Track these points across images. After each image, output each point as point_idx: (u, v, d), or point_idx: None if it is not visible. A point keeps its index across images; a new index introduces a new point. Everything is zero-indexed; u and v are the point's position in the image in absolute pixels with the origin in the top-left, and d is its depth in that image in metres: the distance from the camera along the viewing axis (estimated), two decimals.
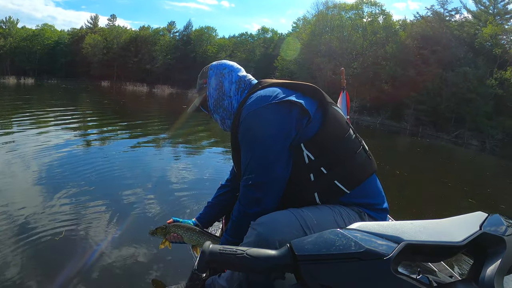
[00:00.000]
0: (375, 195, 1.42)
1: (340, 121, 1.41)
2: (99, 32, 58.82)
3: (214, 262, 0.74)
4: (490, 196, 7.67)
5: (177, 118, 14.96)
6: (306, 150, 1.31)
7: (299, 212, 1.25)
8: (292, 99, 1.33)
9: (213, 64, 1.68)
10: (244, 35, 54.11)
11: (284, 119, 1.31)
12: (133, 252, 2.70)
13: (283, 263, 0.70)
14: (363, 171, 1.39)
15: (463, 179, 9.54)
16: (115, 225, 3.25)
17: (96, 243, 2.85)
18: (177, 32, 56.75)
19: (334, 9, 38.52)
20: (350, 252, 0.66)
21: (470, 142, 24.90)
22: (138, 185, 4.63)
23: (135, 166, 5.75)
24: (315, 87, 1.43)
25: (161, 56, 53.20)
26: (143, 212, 3.70)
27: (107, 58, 55.90)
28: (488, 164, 16.69)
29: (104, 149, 7.04)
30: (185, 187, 4.83)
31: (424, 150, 17.14)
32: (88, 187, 4.32)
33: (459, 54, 31.06)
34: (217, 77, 1.60)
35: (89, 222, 3.30)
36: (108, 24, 60.92)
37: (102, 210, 3.64)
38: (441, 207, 5.86)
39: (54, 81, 47.88)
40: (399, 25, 37.55)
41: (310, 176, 1.32)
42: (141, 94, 36.71)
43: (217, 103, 1.59)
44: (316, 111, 1.36)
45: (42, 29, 62.86)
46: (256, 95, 1.39)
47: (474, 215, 0.75)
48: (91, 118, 12.70)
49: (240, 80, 1.59)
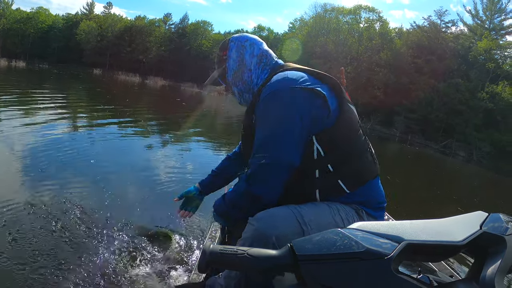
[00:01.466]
0: (375, 195, 1.40)
1: (354, 119, 1.38)
2: (94, 19, 57.73)
3: (214, 262, 0.74)
4: (478, 206, 7.68)
5: (172, 112, 15.02)
6: (317, 143, 1.28)
7: (296, 208, 1.24)
8: (318, 89, 1.29)
9: (234, 36, 1.61)
10: (240, 32, 53.62)
11: (307, 106, 1.28)
12: (131, 251, 2.66)
13: (284, 263, 0.71)
14: (367, 173, 1.37)
15: (452, 188, 9.88)
16: (109, 219, 3.17)
17: (87, 237, 2.77)
18: (172, 24, 56.13)
19: (332, 12, 38.72)
20: (350, 252, 0.66)
21: (457, 153, 25.63)
22: (123, 174, 4.59)
23: (124, 154, 5.71)
24: (336, 81, 1.38)
25: (155, 47, 52.61)
26: (131, 204, 3.64)
27: (101, 46, 54.86)
28: (475, 175, 17.01)
29: (95, 135, 6.91)
30: (170, 175, 4.84)
31: (414, 158, 17.45)
32: (72, 174, 4.25)
33: (453, 65, 31.59)
34: (238, 50, 1.55)
35: (76, 213, 3.18)
36: (104, 12, 59.95)
37: (85, 195, 3.60)
38: (431, 214, 5.77)
39: (45, 66, 46.82)
40: (395, 33, 37.97)
41: (316, 172, 1.30)
42: (133, 84, 36.45)
43: (236, 75, 1.55)
44: (336, 105, 1.33)
45: (36, 12, 61.78)
46: (283, 76, 1.35)
47: (475, 214, 0.75)
48: (84, 105, 12.39)
49: (262, 55, 1.55)
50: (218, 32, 56.22)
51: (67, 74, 35.53)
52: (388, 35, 36.62)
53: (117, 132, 7.76)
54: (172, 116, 13.02)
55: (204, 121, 13.86)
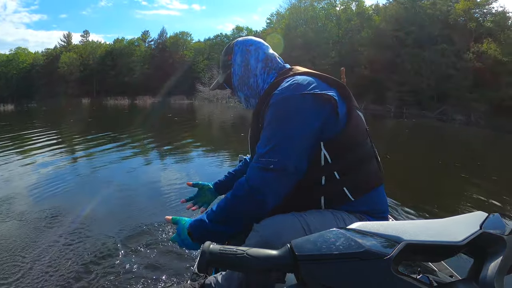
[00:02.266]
0: (379, 204, 1.38)
1: (361, 126, 1.37)
2: (74, 50, 58.03)
3: (214, 262, 0.75)
4: (480, 169, 7.79)
5: (165, 128, 15.07)
6: (325, 150, 1.27)
7: (302, 216, 1.23)
8: (329, 94, 1.27)
9: (238, 40, 1.59)
10: (220, 36, 54.05)
11: (317, 112, 1.25)
12: (130, 251, 2.72)
13: (283, 263, 0.71)
14: (373, 181, 1.35)
15: (453, 156, 9.63)
16: (112, 227, 3.28)
17: (84, 236, 2.95)
18: (152, 41, 56.43)
19: (307, 1, 38.54)
20: (350, 252, 0.66)
21: (454, 118, 25.38)
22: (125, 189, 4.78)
23: (124, 177, 5.80)
24: (344, 86, 1.36)
25: (139, 66, 52.80)
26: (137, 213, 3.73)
27: (85, 75, 55.15)
28: (475, 136, 16.89)
29: (96, 163, 7.04)
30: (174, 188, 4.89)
31: (411, 131, 17.18)
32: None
33: (434, 32, 31.33)
34: (242, 54, 1.53)
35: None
36: (82, 41, 60.23)
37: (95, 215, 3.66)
38: (435, 189, 5.74)
39: (34, 105, 46.68)
40: (372, 10, 37.81)
41: (322, 179, 1.28)
42: (123, 107, 36.47)
43: (242, 81, 1.53)
44: (344, 111, 1.30)
45: (16, 53, 61.96)
46: (292, 81, 1.32)
47: (474, 214, 0.75)
48: (79, 137, 12.17)
49: (267, 59, 1.52)
50: (198, 41, 56.38)
51: (56, 109, 35.54)
52: (366, 14, 36.57)
53: (115, 157, 7.76)
54: (166, 134, 12.99)
55: (197, 132, 13.90)
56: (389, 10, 34.93)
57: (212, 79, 39.12)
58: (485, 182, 6.19)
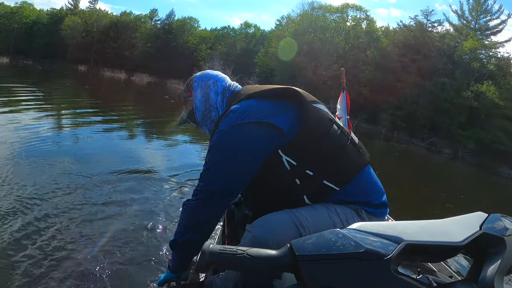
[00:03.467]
0: (369, 190, 1.39)
1: (321, 119, 1.37)
2: (80, 14, 56.38)
3: (214, 262, 0.76)
4: (463, 202, 8.43)
5: (161, 108, 14.94)
6: (285, 156, 1.29)
7: (294, 213, 1.26)
8: (261, 121, 1.30)
9: (197, 75, 1.63)
10: (227, 29, 53.50)
11: (252, 139, 1.30)
12: (129, 250, 2.53)
13: (283, 263, 0.72)
14: (353, 166, 1.35)
15: (440, 185, 10.39)
16: (102, 220, 2.94)
17: (83, 240, 2.57)
18: (159, 20, 55.11)
19: (319, 10, 38.64)
20: (350, 252, 0.67)
21: (442, 150, 26.12)
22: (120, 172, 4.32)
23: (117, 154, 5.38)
24: (293, 90, 1.37)
25: (141, 43, 51.68)
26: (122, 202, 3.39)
27: (86, 42, 53.58)
28: (461, 172, 17.46)
29: (95, 135, 6.49)
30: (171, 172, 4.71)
31: (401, 155, 17.74)
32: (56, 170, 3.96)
33: (439, 65, 31.76)
34: (202, 89, 1.57)
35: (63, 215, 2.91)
36: (89, 7, 58.49)
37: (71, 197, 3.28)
38: (421, 213, 5.95)
39: (30, 62, 45.38)
40: (382, 31, 38.07)
41: (296, 181, 1.30)
42: (119, 80, 35.83)
43: (204, 115, 1.57)
44: (293, 119, 1.33)
45: (20, 7, 60.31)
46: (229, 112, 1.37)
47: (474, 215, 0.76)
48: (77, 102, 11.84)
49: (225, 90, 1.56)
50: (204, 29, 55.59)
51: (52, 70, 34.57)
52: (375, 34, 36.75)
53: (112, 129, 7.54)
54: (164, 113, 12.91)
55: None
56: (399, 34, 35.12)
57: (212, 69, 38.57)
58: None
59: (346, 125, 3.40)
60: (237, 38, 51.30)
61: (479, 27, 34.43)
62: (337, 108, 3.73)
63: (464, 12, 35.31)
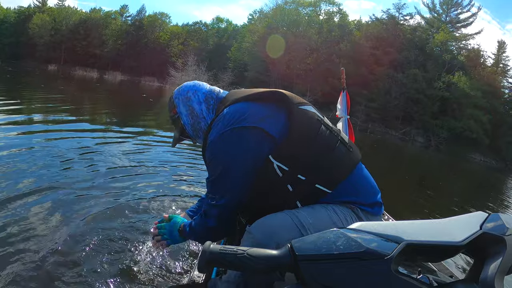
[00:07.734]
0: (362, 189, 1.35)
1: (310, 120, 1.34)
2: (48, 12, 54.36)
3: (214, 262, 0.76)
4: (442, 188, 8.88)
5: (143, 108, 14.17)
6: (276, 161, 1.27)
7: (293, 213, 1.24)
8: (251, 125, 1.29)
9: (175, 92, 1.60)
10: (199, 24, 52.68)
11: (244, 146, 1.29)
12: (128, 250, 2.41)
13: (284, 263, 0.72)
14: (344, 166, 1.33)
15: (418, 174, 10.71)
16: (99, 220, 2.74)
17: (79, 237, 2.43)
18: (129, 16, 53.68)
19: (292, 4, 38.44)
20: (350, 252, 0.67)
21: (416, 139, 26.56)
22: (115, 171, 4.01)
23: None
24: (280, 94, 1.37)
25: (112, 40, 50.06)
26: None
27: (55, 40, 51.58)
28: (435, 159, 17.91)
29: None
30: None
31: (379, 146, 17.96)
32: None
33: (410, 57, 32.28)
34: (184, 103, 1.55)
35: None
36: (58, 4, 56.27)
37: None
38: (404, 201, 6.09)
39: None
40: (355, 25, 38.20)
41: (288, 187, 1.28)
42: (92, 79, 34.39)
43: (194, 128, 1.55)
44: (283, 122, 1.32)
45: None
46: (219, 119, 1.36)
47: (475, 215, 0.76)
48: (58, 106, 10.16)
49: (207, 97, 1.53)
50: (176, 24, 54.40)
51: (22, 71, 32.60)
52: (348, 27, 36.81)
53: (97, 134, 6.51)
54: (147, 114, 12.23)
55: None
56: (371, 28, 35.55)
57: (185, 66, 37.79)
58: (448, 199, 7.01)
59: (347, 125, 3.34)
60: (209, 33, 50.68)
61: (450, 20, 35.21)
62: (337, 108, 3.56)
63: (435, 5, 36.08)
